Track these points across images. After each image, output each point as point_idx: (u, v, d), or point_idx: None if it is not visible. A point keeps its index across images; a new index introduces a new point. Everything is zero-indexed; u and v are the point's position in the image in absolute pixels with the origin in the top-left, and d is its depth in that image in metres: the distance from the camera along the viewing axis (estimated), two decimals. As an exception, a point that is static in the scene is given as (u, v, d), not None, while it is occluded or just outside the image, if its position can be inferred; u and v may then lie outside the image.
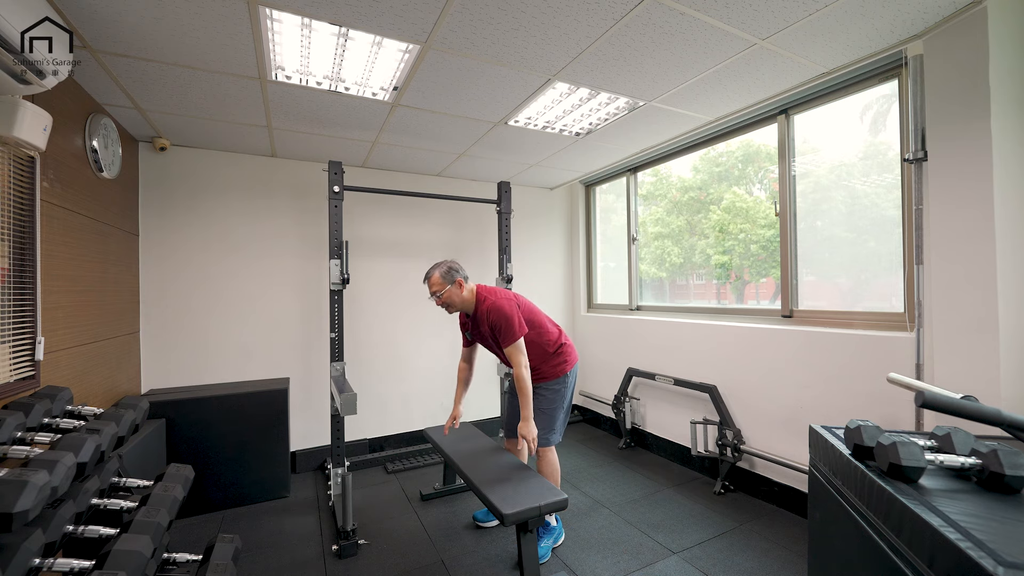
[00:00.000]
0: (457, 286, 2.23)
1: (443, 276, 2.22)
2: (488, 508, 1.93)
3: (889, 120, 2.29)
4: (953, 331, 1.84)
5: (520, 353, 2.15)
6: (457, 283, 2.23)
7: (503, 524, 1.81)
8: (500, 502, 1.85)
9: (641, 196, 3.97)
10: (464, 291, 2.24)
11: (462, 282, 2.24)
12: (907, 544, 0.89)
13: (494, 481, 2.05)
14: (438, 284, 2.21)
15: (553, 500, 1.88)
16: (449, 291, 2.22)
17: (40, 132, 1.64)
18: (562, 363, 2.34)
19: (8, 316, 1.63)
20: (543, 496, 1.90)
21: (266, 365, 3.28)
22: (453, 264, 2.26)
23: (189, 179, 3.09)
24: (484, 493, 1.94)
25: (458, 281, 2.23)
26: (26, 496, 0.98)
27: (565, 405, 2.37)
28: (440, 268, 2.24)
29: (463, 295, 2.24)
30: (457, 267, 2.26)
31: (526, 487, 1.99)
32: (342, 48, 1.91)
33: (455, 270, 2.25)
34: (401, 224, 3.77)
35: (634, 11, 1.68)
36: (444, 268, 2.24)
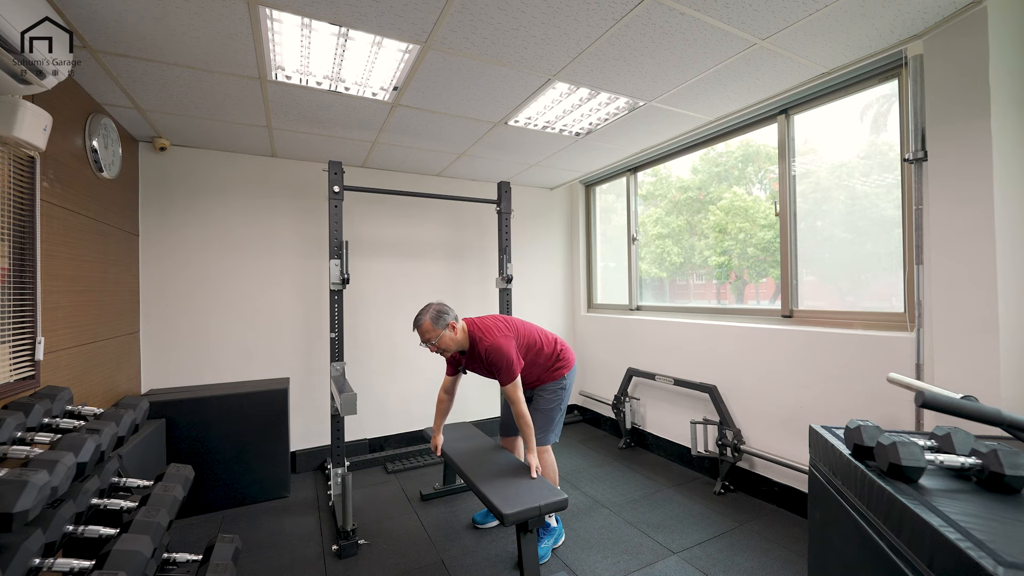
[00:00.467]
0: (450, 329, 2.18)
1: (434, 322, 2.15)
2: (488, 508, 1.92)
3: (889, 120, 2.29)
4: (953, 331, 1.84)
5: (517, 389, 2.16)
6: (449, 326, 2.18)
7: (503, 524, 1.80)
8: (500, 502, 1.84)
9: (641, 196, 3.97)
10: (457, 332, 2.20)
11: (454, 324, 2.19)
12: (907, 544, 0.89)
13: (494, 481, 2.05)
14: (430, 331, 2.15)
15: (553, 500, 1.88)
16: (443, 336, 2.16)
17: (40, 132, 1.64)
18: (559, 368, 2.37)
19: (8, 316, 1.63)
20: (543, 496, 1.90)
21: (266, 365, 3.28)
22: (441, 307, 2.21)
23: (189, 179, 3.09)
24: (484, 493, 1.94)
25: (450, 324, 2.18)
26: (26, 496, 0.98)
27: (563, 406, 2.39)
28: (429, 313, 2.17)
29: (456, 337, 2.20)
30: (446, 309, 2.20)
31: (526, 487, 1.98)
32: (342, 48, 1.91)
33: (444, 313, 2.19)
34: (401, 224, 3.77)
35: (634, 11, 1.68)
36: (433, 313, 2.17)
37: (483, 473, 2.14)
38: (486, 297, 4.10)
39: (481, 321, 2.29)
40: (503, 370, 2.15)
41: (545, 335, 2.43)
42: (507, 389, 2.17)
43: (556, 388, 2.36)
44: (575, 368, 2.46)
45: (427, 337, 2.16)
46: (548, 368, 2.36)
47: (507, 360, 2.14)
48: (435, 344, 2.17)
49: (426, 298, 3.86)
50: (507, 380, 2.15)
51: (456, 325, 2.20)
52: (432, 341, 2.16)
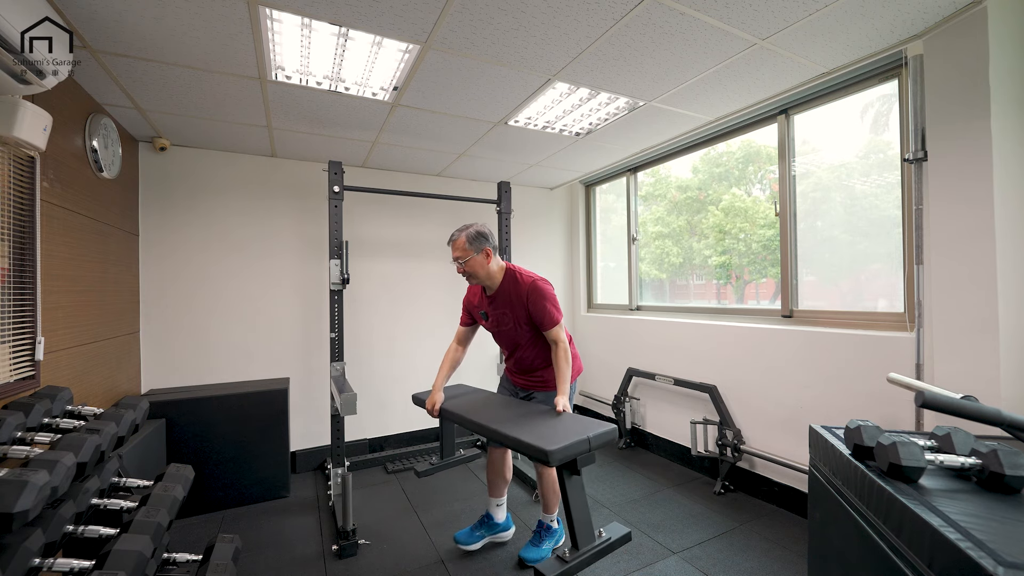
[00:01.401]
0: (484, 255, 2.01)
1: (469, 241, 1.99)
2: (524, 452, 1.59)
3: (889, 120, 2.29)
4: (953, 331, 1.84)
5: (563, 331, 2.01)
6: (485, 252, 2.00)
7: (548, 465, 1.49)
8: (538, 439, 1.54)
9: (641, 196, 3.97)
10: (491, 263, 2.02)
11: (490, 252, 2.02)
12: (907, 544, 0.89)
13: (520, 422, 1.74)
14: (462, 250, 1.99)
15: (601, 431, 1.61)
16: (474, 260, 1.99)
17: (40, 132, 1.64)
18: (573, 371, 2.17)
19: (8, 316, 1.63)
20: (587, 428, 1.61)
21: (266, 365, 3.28)
22: (483, 229, 2.03)
23: (189, 179, 3.09)
24: (513, 435, 1.60)
25: (486, 250, 2.01)
26: (26, 496, 0.98)
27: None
28: (467, 232, 2.00)
29: (489, 267, 2.02)
30: (487, 233, 2.03)
31: (562, 423, 1.70)
32: (342, 48, 1.91)
33: (484, 236, 2.01)
34: (401, 224, 3.77)
35: (634, 11, 1.68)
36: (472, 232, 2.00)
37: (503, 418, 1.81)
38: (486, 297, 4.10)
39: (523, 268, 2.13)
40: (548, 309, 1.97)
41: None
42: (552, 332, 1.99)
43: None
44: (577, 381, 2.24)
45: (457, 255, 2.01)
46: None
47: (551, 299, 1.99)
48: (463, 265, 2.01)
49: (426, 298, 3.86)
50: (552, 321, 1.98)
51: (492, 255, 2.04)
52: (461, 261, 2.01)
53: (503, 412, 1.89)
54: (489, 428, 1.74)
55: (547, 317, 1.99)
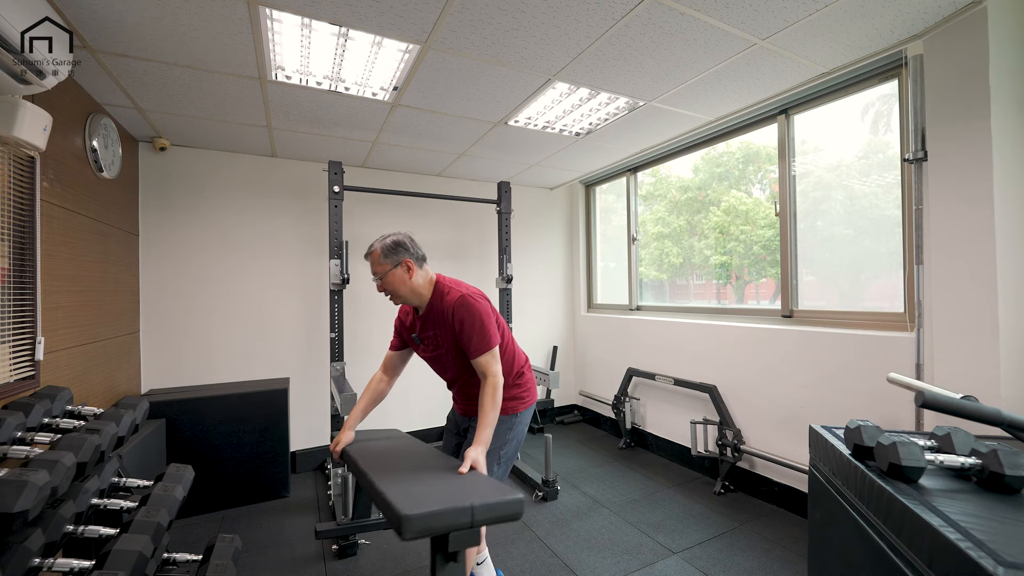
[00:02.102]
0: (404, 269, 1.66)
1: (385, 254, 1.66)
2: (382, 511, 1.21)
3: (889, 120, 2.29)
4: (953, 331, 1.84)
5: (495, 362, 1.64)
6: (404, 265, 1.66)
7: (400, 535, 1.08)
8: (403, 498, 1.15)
9: (641, 196, 3.97)
10: (416, 277, 1.68)
11: (411, 264, 1.67)
12: (907, 544, 0.89)
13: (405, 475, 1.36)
14: (378, 264, 1.67)
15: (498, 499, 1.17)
16: (393, 275, 1.66)
17: (40, 132, 1.64)
18: (518, 398, 1.80)
19: (8, 316, 1.63)
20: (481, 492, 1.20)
21: (266, 365, 3.28)
22: (402, 238, 1.69)
23: (189, 179, 3.09)
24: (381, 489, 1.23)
25: (405, 262, 1.66)
26: (26, 496, 0.98)
27: (507, 453, 1.78)
28: (383, 243, 1.68)
29: (413, 283, 1.68)
30: (406, 243, 1.69)
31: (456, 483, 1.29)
32: (342, 48, 1.91)
33: (403, 247, 1.67)
34: (401, 224, 3.77)
35: (634, 11, 1.68)
36: (388, 243, 1.67)
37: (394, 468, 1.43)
38: (486, 297, 4.10)
39: (455, 280, 1.77)
40: (477, 331, 1.59)
41: (515, 343, 1.89)
42: (481, 360, 1.60)
43: (502, 428, 1.72)
44: (531, 411, 1.86)
45: (373, 270, 1.69)
46: (508, 385, 1.75)
47: (482, 317, 1.61)
48: (380, 281, 1.68)
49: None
50: (484, 347, 1.60)
51: (415, 268, 1.68)
52: (378, 276, 1.68)
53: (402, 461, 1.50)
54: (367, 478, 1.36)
55: (474, 341, 1.60)
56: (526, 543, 2.30)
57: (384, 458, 1.57)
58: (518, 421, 1.80)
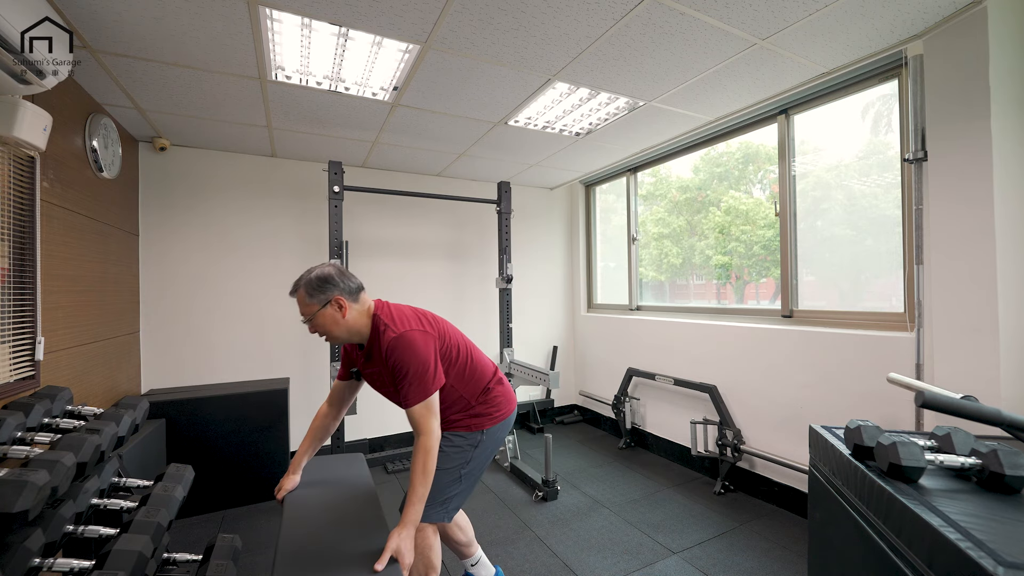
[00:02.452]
0: (336, 307, 1.46)
1: (310, 293, 1.45)
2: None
3: (889, 120, 2.29)
4: (953, 331, 1.84)
5: (431, 416, 1.43)
6: (334, 303, 1.46)
7: None
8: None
9: (641, 196, 3.97)
10: (350, 314, 1.48)
11: (343, 302, 1.47)
12: (907, 544, 0.89)
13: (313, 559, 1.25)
14: (304, 305, 1.47)
15: None
16: (323, 315, 1.46)
17: (40, 132, 1.64)
18: (482, 415, 1.63)
19: (8, 316, 1.63)
20: None
21: (266, 365, 3.28)
22: (328, 272, 1.49)
23: (189, 179, 3.09)
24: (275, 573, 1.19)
25: (335, 300, 1.46)
26: (26, 496, 0.98)
27: (468, 471, 1.60)
28: (306, 281, 1.47)
29: (347, 321, 1.48)
30: (334, 276, 1.48)
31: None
32: (342, 48, 1.91)
33: (330, 282, 1.47)
34: (401, 224, 3.77)
35: (634, 11, 1.68)
36: (313, 279, 1.47)
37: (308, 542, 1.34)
38: (486, 297, 4.10)
39: (396, 308, 1.58)
40: (411, 379, 1.41)
41: (480, 358, 1.70)
42: (414, 413, 1.42)
43: (464, 443, 1.59)
44: (508, 421, 1.70)
45: (301, 311, 1.48)
46: (467, 407, 1.62)
47: (420, 363, 1.43)
48: (312, 324, 1.48)
49: (426, 298, 3.85)
50: (416, 397, 1.42)
51: (348, 304, 1.48)
52: (306, 318, 1.47)
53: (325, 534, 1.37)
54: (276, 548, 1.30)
55: (406, 389, 1.42)
56: (526, 543, 2.30)
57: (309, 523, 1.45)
58: (485, 438, 1.63)
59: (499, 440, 1.69)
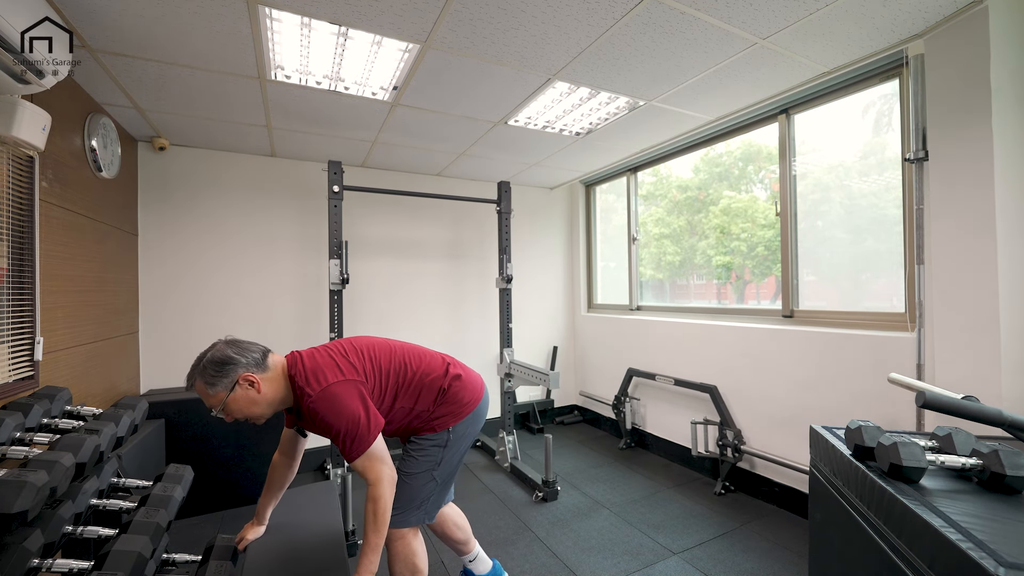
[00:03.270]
0: (247, 386, 1.35)
1: (210, 382, 1.32)
2: None
3: (890, 120, 2.28)
4: (954, 331, 1.84)
5: (377, 463, 1.38)
6: (243, 382, 1.35)
7: None
8: None
9: (641, 196, 3.97)
10: (265, 387, 1.39)
11: (252, 377, 1.36)
12: (908, 545, 0.89)
13: None
14: (209, 397, 1.34)
15: None
16: (235, 399, 1.35)
17: (39, 132, 1.63)
18: (446, 415, 1.57)
19: (7, 316, 1.63)
20: None
21: (266, 365, 3.28)
22: (222, 354, 1.35)
23: (188, 179, 3.08)
24: None
25: (242, 379, 1.34)
26: (25, 496, 0.98)
27: (440, 471, 1.57)
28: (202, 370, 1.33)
29: (265, 394, 1.39)
30: (232, 358, 1.35)
31: None
32: (342, 47, 1.91)
33: (229, 364, 1.34)
34: (401, 224, 3.77)
35: (634, 10, 1.67)
36: (208, 368, 1.33)
37: None
38: (486, 297, 4.10)
39: (311, 359, 1.46)
40: (344, 437, 1.35)
41: (431, 362, 1.62)
42: (357, 466, 1.36)
43: (429, 444, 1.56)
44: (479, 411, 1.65)
45: (208, 404, 1.35)
46: (428, 414, 1.56)
47: (348, 419, 1.35)
48: (226, 414, 1.37)
49: (426, 297, 3.85)
50: (356, 451, 1.36)
51: (259, 378, 1.37)
52: (215, 411, 1.36)
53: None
54: None
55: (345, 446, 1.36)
56: (526, 544, 2.30)
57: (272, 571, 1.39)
58: (453, 436, 1.58)
59: (471, 433, 1.64)
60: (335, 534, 1.65)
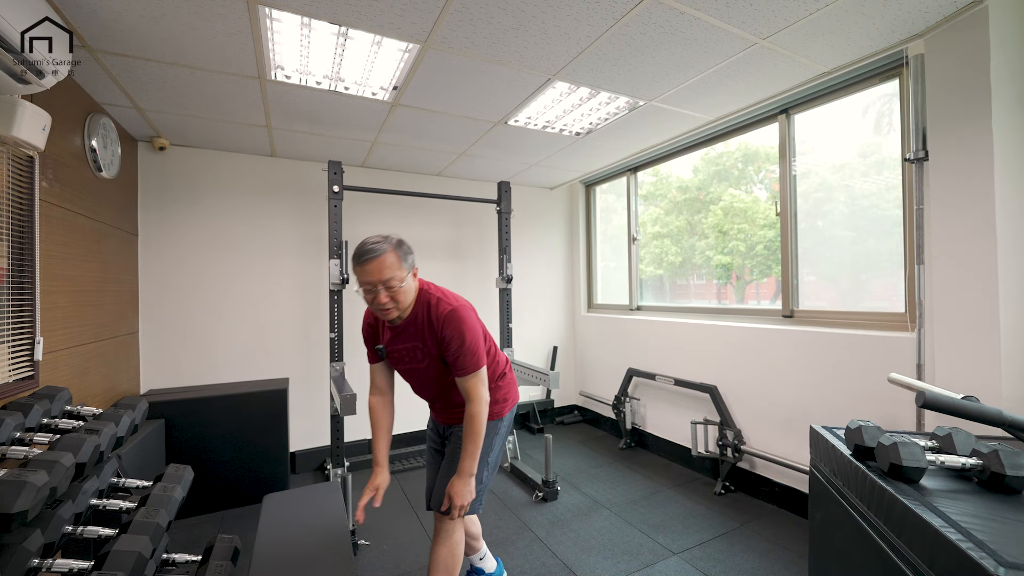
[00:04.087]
0: (413, 276, 1.49)
1: (402, 256, 1.42)
2: None
3: (890, 119, 2.28)
4: (954, 331, 1.84)
5: (483, 384, 1.50)
6: (414, 273, 1.49)
7: None
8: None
9: (641, 196, 3.97)
10: (414, 285, 1.50)
11: (416, 272, 1.51)
12: (908, 545, 0.89)
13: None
14: (394, 269, 1.38)
15: None
16: (407, 283, 1.44)
17: (39, 132, 1.63)
18: (501, 402, 1.67)
19: (7, 316, 1.63)
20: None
21: (266, 365, 3.28)
22: (404, 241, 1.47)
23: (188, 179, 3.08)
24: None
25: (416, 271, 1.50)
26: (25, 496, 0.98)
27: (492, 459, 1.67)
28: (392, 243, 1.42)
29: (413, 291, 1.49)
30: (409, 245, 1.49)
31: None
32: (342, 47, 1.91)
33: (410, 250, 1.48)
34: (401, 224, 3.77)
35: (634, 10, 1.67)
36: (403, 244, 1.45)
37: None
38: (486, 297, 4.10)
39: (436, 285, 1.59)
40: (467, 350, 1.43)
41: (494, 344, 1.70)
42: (468, 382, 1.47)
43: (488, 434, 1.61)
44: (513, 413, 1.76)
45: (386, 277, 1.37)
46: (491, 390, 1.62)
47: (474, 335, 1.46)
48: (394, 291, 1.40)
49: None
50: (471, 367, 1.45)
51: (417, 272, 1.52)
52: (395, 283, 1.39)
53: None
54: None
55: (463, 360, 1.45)
56: (526, 543, 2.30)
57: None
58: (502, 425, 1.70)
59: (509, 426, 1.75)
60: (339, 534, 1.66)
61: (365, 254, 1.38)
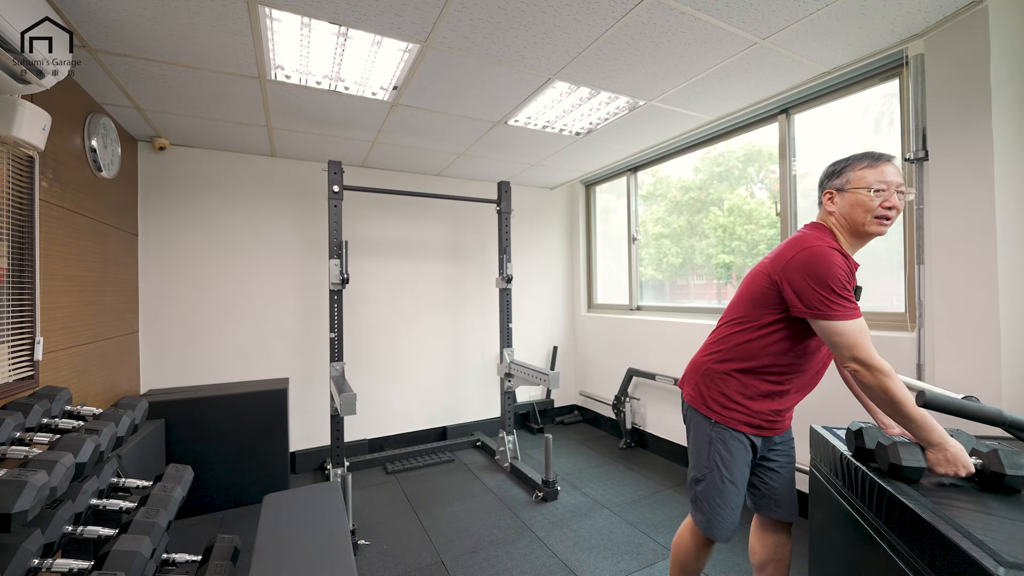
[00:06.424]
0: None
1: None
2: None
3: (890, 119, 2.28)
4: (954, 331, 1.84)
5: (863, 336, 1.18)
6: None
7: None
8: None
9: (641, 196, 3.97)
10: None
11: None
12: (908, 545, 0.89)
13: None
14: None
15: None
16: None
17: (39, 132, 1.63)
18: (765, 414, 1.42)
19: (7, 316, 1.63)
20: None
21: (266, 365, 3.28)
22: None
23: (188, 179, 3.08)
24: None
25: None
26: (25, 496, 0.98)
27: (735, 474, 1.41)
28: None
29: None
30: None
31: None
32: (342, 47, 1.91)
33: None
34: (401, 224, 3.77)
35: (634, 10, 1.67)
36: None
37: None
38: (486, 297, 4.10)
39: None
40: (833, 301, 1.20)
41: None
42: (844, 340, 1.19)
43: (730, 438, 1.42)
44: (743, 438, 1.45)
45: (901, 181, 1.27)
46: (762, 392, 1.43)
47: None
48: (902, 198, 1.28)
49: (426, 298, 3.85)
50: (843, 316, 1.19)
51: None
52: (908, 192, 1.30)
53: None
54: None
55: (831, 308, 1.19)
56: (526, 543, 2.30)
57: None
58: (745, 441, 1.43)
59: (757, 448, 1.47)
60: (339, 534, 1.66)
61: (883, 155, 1.29)
